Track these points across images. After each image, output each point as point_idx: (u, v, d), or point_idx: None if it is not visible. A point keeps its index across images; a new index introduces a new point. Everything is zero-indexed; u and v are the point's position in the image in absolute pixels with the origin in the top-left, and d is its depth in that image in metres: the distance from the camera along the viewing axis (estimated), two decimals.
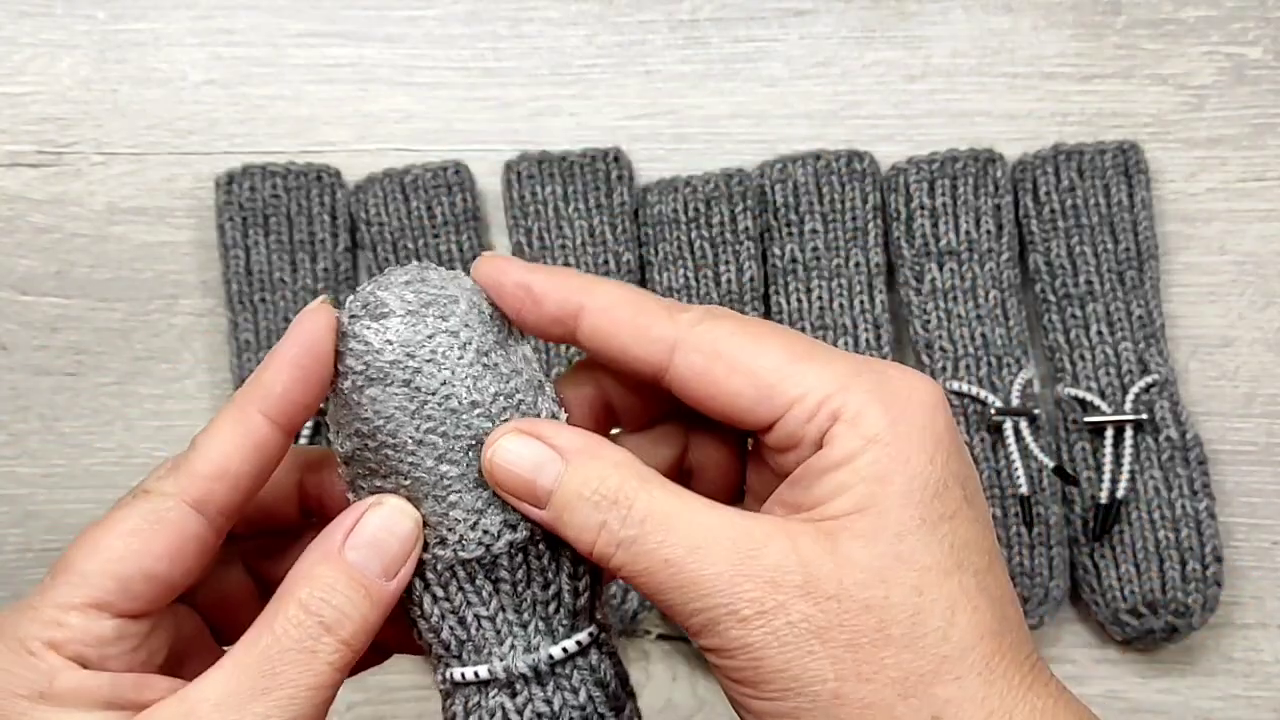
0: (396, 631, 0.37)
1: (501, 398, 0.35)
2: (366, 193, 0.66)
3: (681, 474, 0.38)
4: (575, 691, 0.36)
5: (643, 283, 0.66)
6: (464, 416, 0.35)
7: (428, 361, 0.34)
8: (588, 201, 0.66)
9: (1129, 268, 0.65)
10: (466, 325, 0.35)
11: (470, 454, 0.35)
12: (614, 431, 0.39)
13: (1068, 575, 0.63)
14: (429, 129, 0.69)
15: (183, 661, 0.37)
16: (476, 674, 0.36)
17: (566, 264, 0.65)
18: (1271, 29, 0.69)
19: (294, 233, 0.66)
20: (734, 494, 0.39)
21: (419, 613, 0.36)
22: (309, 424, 0.63)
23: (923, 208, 0.65)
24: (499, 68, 0.69)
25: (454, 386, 0.34)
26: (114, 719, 0.33)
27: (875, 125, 0.69)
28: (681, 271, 0.65)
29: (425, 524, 0.35)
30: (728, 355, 0.33)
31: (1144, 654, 0.64)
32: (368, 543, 0.34)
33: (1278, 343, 0.67)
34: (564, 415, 0.37)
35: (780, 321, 0.65)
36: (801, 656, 0.30)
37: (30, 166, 0.68)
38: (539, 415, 0.36)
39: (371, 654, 0.38)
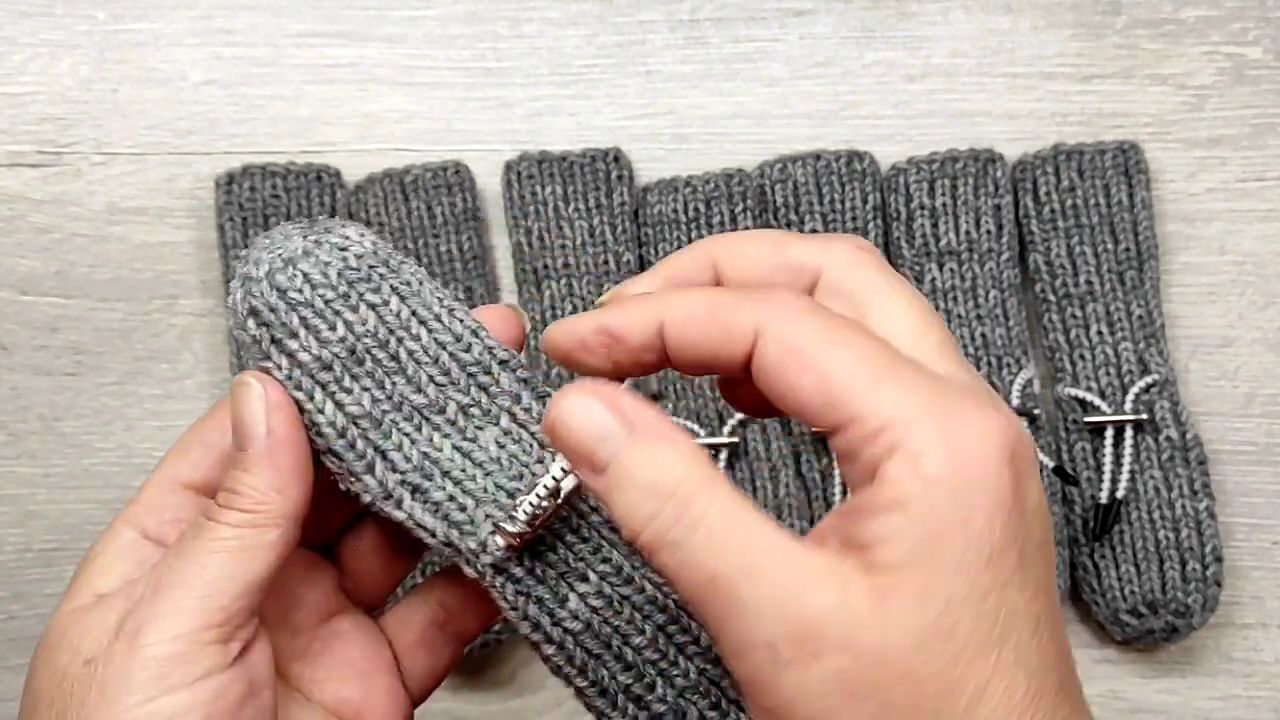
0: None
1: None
2: (366, 193, 0.66)
3: None
4: None
5: None
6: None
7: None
8: (588, 201, 0.66)
9: (1129, 268, 0.65)
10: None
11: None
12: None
13: (1068, 575, 0.63)
14: (429, 129, 0.69)
15: None
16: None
17: (566, 264, 0.65)
18: (1271, 29, 0.69)
19: None
20: None
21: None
22: None
23: (923, 208, 0.65)
24: (499, 68, 0.69)
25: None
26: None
27: (875, 125, 0.69)
28: None
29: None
30: (803, 353, 0.32)
31: (1144, 654, 0.64)
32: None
33: (1278, 343, 0.67)
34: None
35: None
36: (828, 708, 0.30)
37: (30, 166, 0.68)
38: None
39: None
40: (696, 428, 0.63)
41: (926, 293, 0.65)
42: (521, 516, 0.36)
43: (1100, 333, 0.64)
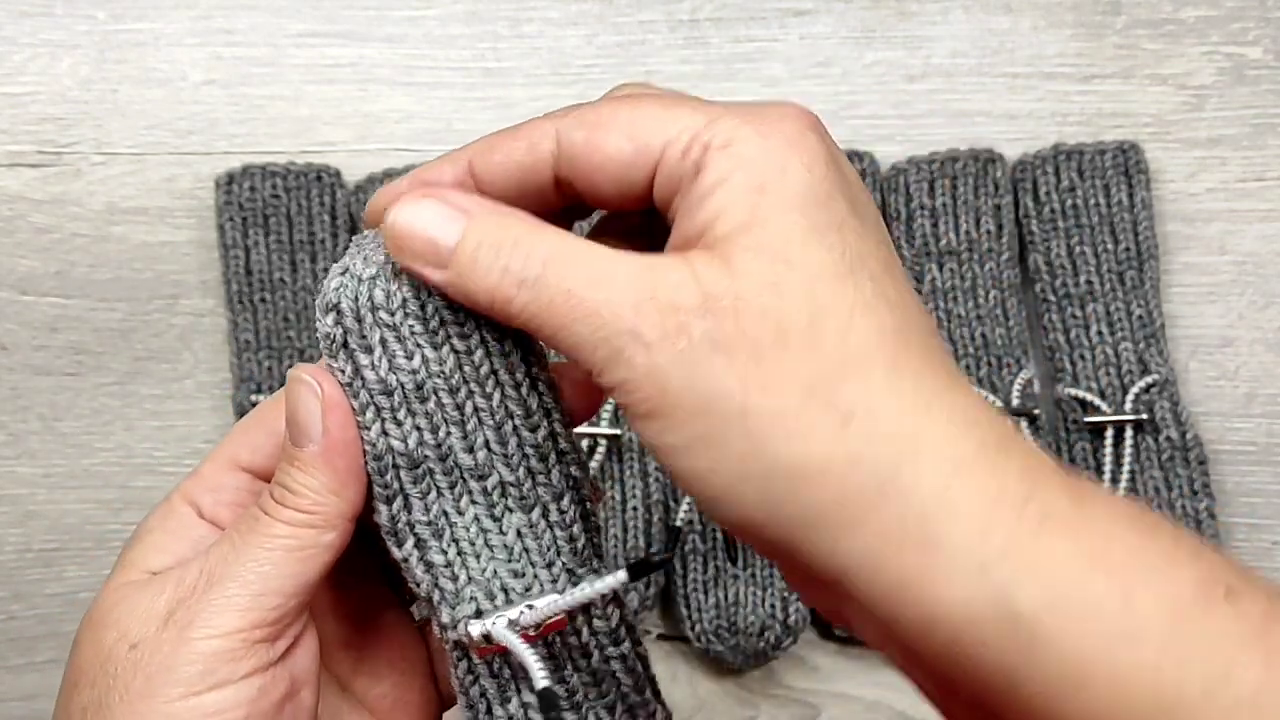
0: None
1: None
2: (366, 193, 0.66)
3: None
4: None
5: None
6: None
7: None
8: None
9: (1129, 268, 0.65)
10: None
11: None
12: None
13: None
14: (429, 129, 0.69)
15: None
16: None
17: None
18: (1271, 29, 0.69)
19: (294, 233, 0.66)
20: None
21: None
22: None
23: (923, 208, 0.65)
24: (499, 68, 0.69)
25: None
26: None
27: (875, 125, 0.69)
28: None
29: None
30: (606, 120, 0.34)
31: None
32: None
33: (1278, 343, 0.67)
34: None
35: None
36: (706, 373, 0.30)
37: (30, 166, 0.68)
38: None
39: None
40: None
41: (926, 293, 0.65)
42: (488, 627, 0.35)
43: (1100, 333, 0.64)
